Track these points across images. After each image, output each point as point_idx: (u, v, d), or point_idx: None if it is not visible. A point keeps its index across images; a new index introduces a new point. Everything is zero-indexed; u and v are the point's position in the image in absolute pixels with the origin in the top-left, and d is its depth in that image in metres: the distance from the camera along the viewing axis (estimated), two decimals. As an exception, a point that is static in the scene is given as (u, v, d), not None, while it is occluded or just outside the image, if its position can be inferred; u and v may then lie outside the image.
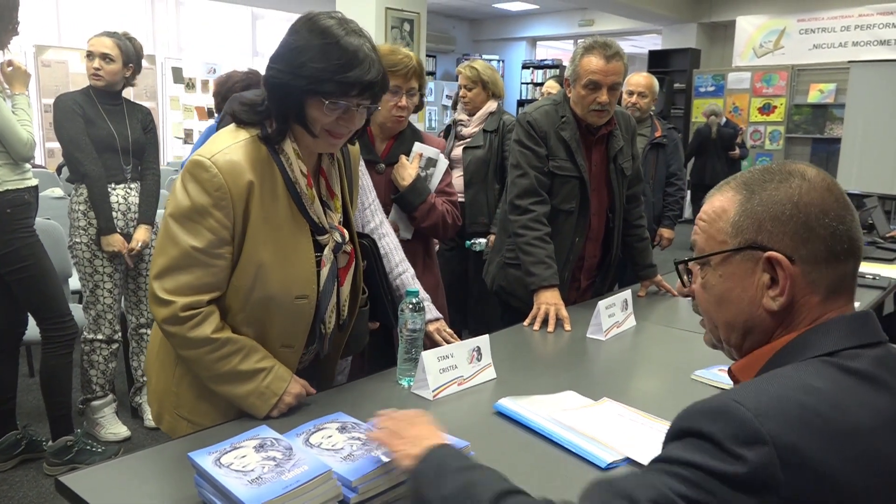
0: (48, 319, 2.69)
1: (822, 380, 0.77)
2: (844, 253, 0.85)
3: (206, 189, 1.31)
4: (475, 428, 1.44)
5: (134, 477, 1.21)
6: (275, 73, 1.34)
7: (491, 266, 2.61)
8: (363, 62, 1.32)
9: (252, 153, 1.36)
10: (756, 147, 9.43)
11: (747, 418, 0.71)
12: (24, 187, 2.62)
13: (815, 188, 0.86)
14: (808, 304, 0.86)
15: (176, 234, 1.32)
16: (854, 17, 8.66)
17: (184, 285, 1.33)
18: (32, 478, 2.73)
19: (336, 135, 1.39)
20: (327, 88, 1.31)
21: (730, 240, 0.89)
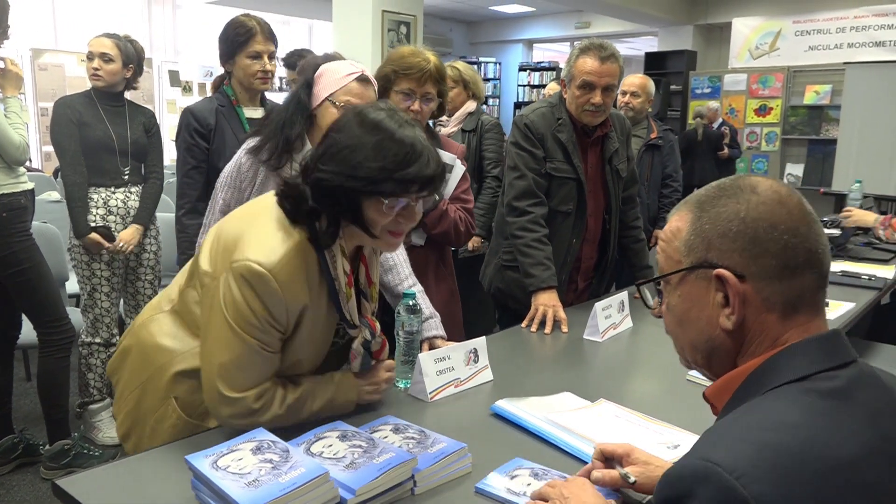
0: (46, 323, 2.69)
1: (798, 411, 0.75)
2: (801, 266, 0.82)
3: (266, 302, 1.25)
4: (472, 429, 1.44)
5: (131, 480, 1.21)
6: (326, 175, 1.25)
7: (488, 268, 2.61)
8: (421, 156, 1.25)
9: (306, 257, 1.30)
10: (752, 148, 9.45)
11: (729, 484, 0.69)
12: (20, 191, 2.61)
13: (764, 202, 0.84)
14: (765, 322, 0.84)
15: (237, 333, 1.26)
16: (849, 18, 8.68)
17: (250, 380, 1.29)
18: (29, 482, 2.72)
19: (397, 233, 1.33)
20: (387, 188, 1.24)
21: (684, 259, 0.89)
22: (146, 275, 3.12)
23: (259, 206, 1.40)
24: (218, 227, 1.41)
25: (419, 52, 2.12)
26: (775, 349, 0.84)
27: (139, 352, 1.46)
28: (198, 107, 2.44)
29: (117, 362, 1.52)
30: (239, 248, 1.28)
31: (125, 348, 1.51)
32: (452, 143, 2.33)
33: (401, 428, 1.35)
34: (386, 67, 2.13)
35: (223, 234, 1.36)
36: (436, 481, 1.21)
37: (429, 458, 1.22)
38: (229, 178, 1.92)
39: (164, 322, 1.45)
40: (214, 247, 1.36)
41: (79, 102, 2.93)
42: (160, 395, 1.42)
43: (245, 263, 1.25)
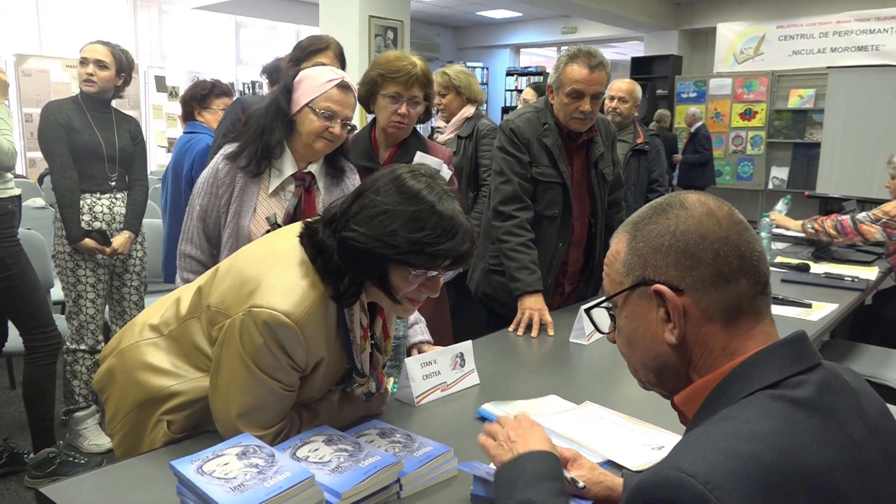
0: (32, 329, 2.67)
1: (771, 420, 0.75)
2: (734, 273, 0.84)
3: (289, 351, 1.24)
4: (458, 433, 1.45)
5: (116, 487, 1.21)
6: (358, 236, 1.22)
7: (475, 273, 2.62)
8: (458, 233, 1.23)
9: (327, 310, 1.28)
10: (738, 152, 9.53)
11: (701, 495, 0.68)
12: (7, 197, 2.60)
13: (692, 215, 0.86)
14: (708, 333, 0.85)
15: (259, 376, 1.24)
16: (832, 23, 8.79)
17: (270, 418, 1.29)
18: (14, 490, 2.70)
19: (416, 301, 1.32)
20: (418, 261, 1.22)
21: (624, 280, 0.90)
22: (132, 281, 3.11)
23: (281, 246, 1.35)
24: (232, 261, 1.37)
25: (405, 56, 2.13)
26: (730, 358, 0.84)
27: (131, 375, 1.42)
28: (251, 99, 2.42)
29: (105, 381, 1.48)
30: (260, 291, 1.25)
31: (111, 369, 1.46)
32: (438, 148, 2.34)
33: (387, 432, 1.36)
34: (372, 72, 2.14)
35: (239, 271, 1.32)
36: (422, 484, 1.22)
37: (415, 461, 1.23)
38: (206, 184, 1.87)
39: (161, 347, 1.41)
40: (227, 282, 1.32)
41: (67, 107, 2.92)
42: (154, 419, 1.40)
43: (270, 312, 1.21)
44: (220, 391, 1.28)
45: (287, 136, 1.86)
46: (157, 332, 1.43)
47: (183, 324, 1.39)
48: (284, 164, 1.86)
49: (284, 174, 1.86)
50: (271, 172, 1.86)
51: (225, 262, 1.40)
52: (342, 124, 1.84)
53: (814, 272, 3.08)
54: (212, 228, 1.87)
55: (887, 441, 0.82)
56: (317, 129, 1.80)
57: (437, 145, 2.37)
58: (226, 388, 1.27)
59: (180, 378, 1.37)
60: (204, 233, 1.87)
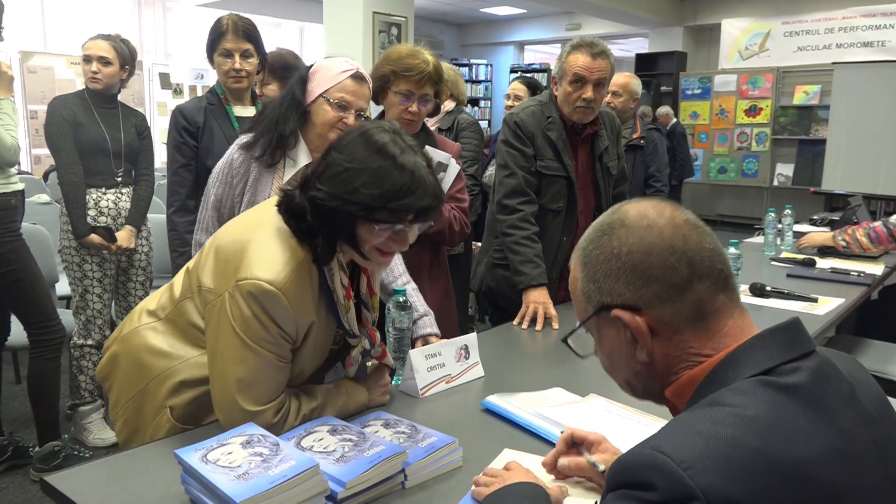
0: (36, 324, 2.68)
1: (757, 405, 0.74)
2: (686, 280, 0.82)
3: (275, 319, 1.25)
4: (463, 424, 1.45)
5: (121, 476, 1.21)
6: (323, 196, 1.25)
7: (479, 267, 2.62)
8: (419, 186, 1.25)
9: (310, 274, 1.30)
10: (743, 149, 9.50)
11: (676, 474, 0.68)
12: (11, 191, 2.60)
13: (632, 233, 0.85)
14: (680, 343, 0.84)
15: (252, 347, 1.26)
16: (838, 19, 8.76)
17: (269, 392, 1.29)
18: (19, 484, 2.71)
19: (387, 253, 1.33)
20: (382, 216, 1.25)
21: (587, 307, 0.90)
22: (137, 276, 3.12)
23: (257, 217, 1.38)
24: (215, 240, 1.38)
25: (418, 52, 2.11)
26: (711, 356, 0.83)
27: (132, 360, 1.44)
28: (187, 105, 2.44)
29: (107, 369, 1.50)
30: (244, 264, 1.27)
31: (114, 355, 1.48)
32: (448, 142, 2.32)
33: (391, 423, 1.36)
34: (384, 67, 2.12)
35: (222, 248, 1.34)
36: (426, 475, 1.21)
37: (419, 451, 1.22)
38: (221, 173, 1.90)
39: (159, 330, 1.43)
40: (214, 261, 1.34)
41: (72, 102, 2.92)
42: (157, 404, 1.40)
43: (253, 282, 1.24)
44: (217, 369, 1.30)
45: (301, 126, 1.87)
46: (154, 316, 1.46)
47: (178, 305, 1.42)
48: (299, 154, 1.87)
49: (299, 164, 1.86)
50: (286, 162, 1.87)
51: (208, 240, 1.41)
52: (356, 115, 1.85)
53: (820, 267, 3.06)
54: (226, 218, 1.88)
55: (881, 430, 0.80)
56: (331, 120, 1.80)
57: (445, 140, 2.35)
58: (222, 364, 1.29)
59: (179, 358, 1.39)
60: (219, 222, 1.89)
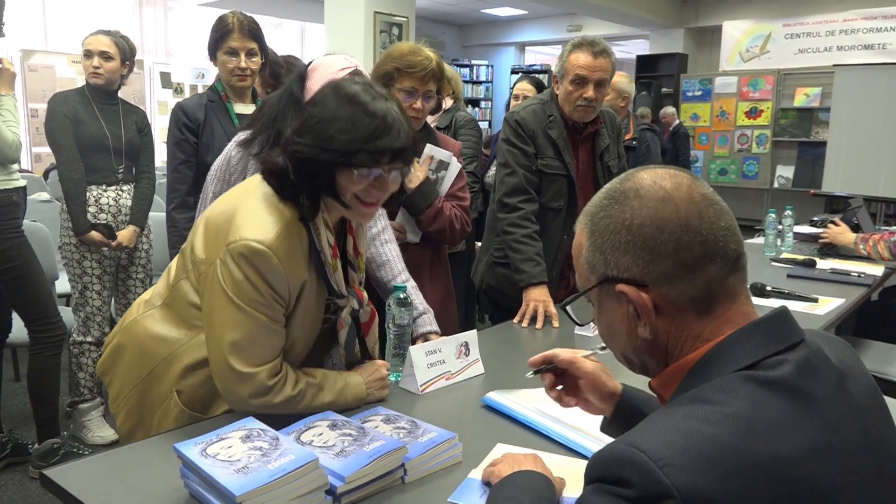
0: (37, 320, 2.68)
1: (739, 401, 0.72)
2: (698, 261, 0.79)
3: (267, 279, 1.27)
4: (463, 420, 1.44)
5: (120, 470, 1.21)
6: (301, 147, 1.29)
7: (480, 265, 2.61)
8: (392, 127, 1.28)
9: (299, 234, 1.33)
10: (743, 151, 9.50)
11: (652, 472, 0.66)
12: (12, 188, 2.61)
13: (646, 205, 0.81)
14: (682, 324, 0.82)
15: (244, 309, 1.27)
16: (839, 21, 8.76)
17: (262, 354, 1.30)
18: (18, 481, 2.70)
19: (369, 203, 1.35)
20: (358, 160, 1.27)
21: (590, 277, 0.87)
22: (137, 273, 3.11)
23: (244, 187, 1.42)
24: (206, 214, 1.41)
25: (420, 49, 2.11)
26: (704, 343, 0.81)
27: (136, 348, 1.45)
28: (187, 102, 2.44)
29: (109, 361, 1.50)
30: (233, 228, 1.29)
31: (118, 346, 1.49)
32: (449, 141, 2.32)
33: (391, 418, 1.35)
34: (387, 65, 2.12)
35: (212, 220, 1.37)
36: (426, 470, 1.21)
37: (419, 447, 1.22)
38: (219, 171, 1.91)
39: (157, 317, 1.45)
40: (205, 234, 1.37)
41: (73, 99, 2.92)
42: (165, 388, 1.41)
43: (243, 243, 1.27)
44: (212, 335, 1.31)
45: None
46: (150, 305, 1.48)
47: (173, 288, 1.43)
48: None
49: None
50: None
51: (199, 218, 1.43)
52: None
53: (820, 267, 3.06)
54: None
55: (869, 419, 0.78)
56: None
57: (447, 138, 2.35)
58: (216, 330, 1.30)
59: (180, 342, 1.40)
60: None
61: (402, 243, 2.12)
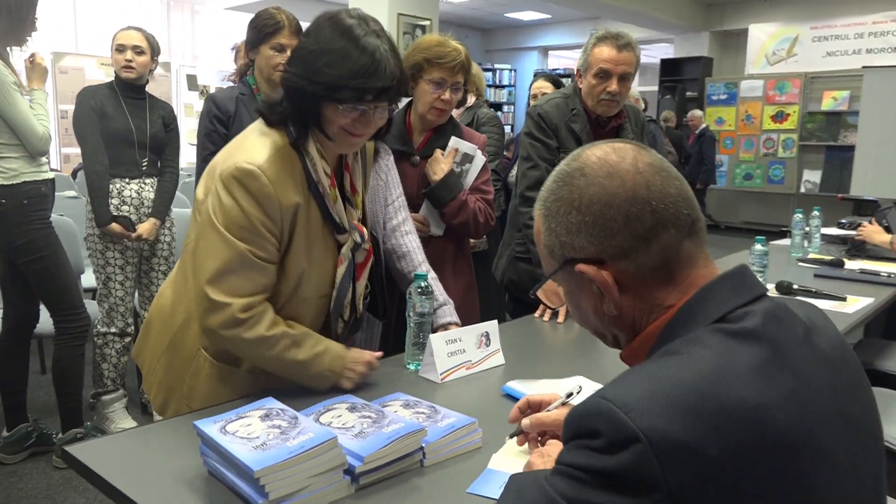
0: (62, 311, 2.71)
1: (705, 350, 0.72)
2: (650, 230, 0.79)
3: (257, 198, 1.29)
4: (483, 408, 1.43)
5: (141, 448, 1.22)
6: (290, 76, 1.33)
7: (501, 260, 2.60)
8: (379, 66, 1.30)
9: (290, 160, 1.35)
10: (769, 155, 9.38)
11: (618, 418, 0.67)
12: (41, 179, 2.65)
13: (592, 182, 0.81)
14: (646, 294, 0.82)
15: (227, 238, 1.29)
16: (868, 24, 8.63)
17: (239, 287, 1.30)
18: (42, 470, 2.73)
19: (354, 134, 1.37)
20: (342, 95, 1.30)
21: (551, 261, 0.87)
22: (160, 265, 3.14)
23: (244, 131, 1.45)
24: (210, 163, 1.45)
25: (448, 41, 2.11)
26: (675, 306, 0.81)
27: (159, 321, 1.49)
28: (219, 94, 2.47)
29: (141, 341, 1.55)
30: (225, 160, 1.33)
31: (147, 322, 1.54)
32: (474, 134, 2.31)
33: (411, 403, 1.35)
34: (416, 56, 2.11)
35: (214, 163, 1.40)
36: (445, 454, 1.20)
37: (439, 430, 1.21)
38: None
39: (172, 280, 1.49)
40: (206, 175, 1.40)
41: (101, 93, 2.98)
42: (189, 351, 1.43)
43: (234, 166, 1.30)
44: (195, 264, 1.33)
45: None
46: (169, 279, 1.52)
47: (185, 250, 1.45)
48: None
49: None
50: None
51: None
52: None
53: (848, 268, 3.00)
54: None
55: (837, 372, 0.78)
56: None
57: (471, 131, 2.34)
58: (199, 258, 1.32)
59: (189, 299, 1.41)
60: None
61: (425, 236, 2.11)
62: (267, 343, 1.33)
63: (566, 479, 0.70)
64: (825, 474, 0.70)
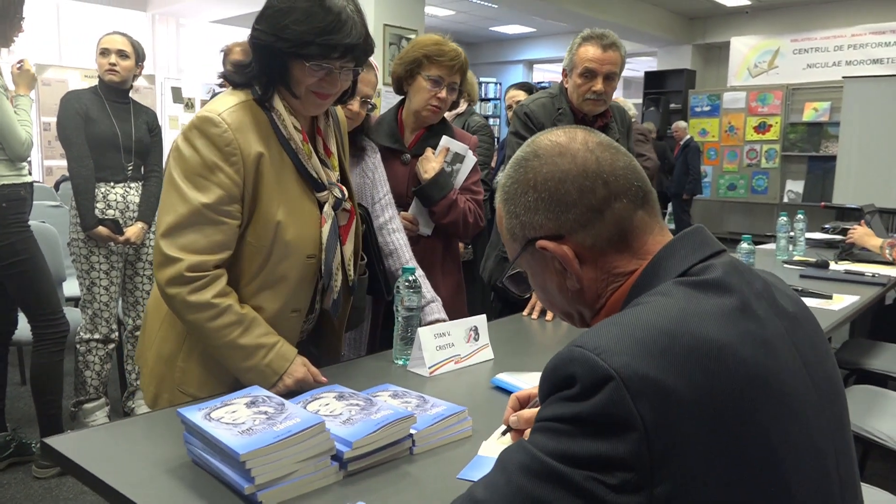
0: (40, 316, 2.66)
1: (672, 298, 0.75)
2: (603, 201, 0.82)
3: (216, 144, 1.30)
4: (473, 400, 1.41)
5: (123, 440, 1.19)
6: (258, 34, 1.34)
7: (488, 261, 2.59)
8: (345, 24, 1.31)
9: (254, 114, 1.37)
10: (752, 165, 9.47)
11: (589, 359, 0.68)
12: (20, 182, 2.61)
13: (545, 162, 0.85)
14: (605, 265, 0.84)
15: (184, 191, 1.29)
16: (847, 36, 8.77)
17: (193, 243, 1.29)
18: (21, 480, 2.67)
19: (321, 95, 1.38)
20: (309, 51, 1.31)
21: (514, 244, 0.90)
22: (145, 270, 3.11)
23: None
24: None
25: (447, 41, 2.11)
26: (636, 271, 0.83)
27: (151, 319, 1.47)
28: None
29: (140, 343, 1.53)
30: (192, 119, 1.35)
31: (143, 321, 1.52)
32: (466, 135, 2.30)
33: (399, 394, 1.33)
34: (414, 52, 2.10)
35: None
36: (435, 442, 1.18)
37: (428, 418, 1.19)
38: None
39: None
40: None
41: (86, 97, 2.96)
42: (178, 333, 1.40)
43: (197, 116, 1.33)
44: (157, 221, 1.34)
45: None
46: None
47: None
48: None
49: None
50: None
51: None
52: (361, 101, 1.85)
53: (834, 269, 3.02)
54: None
55: (795, 325, 0.81)
56: None
57: (463, 132, 2.33)
58: (159, 215, 1.33)
59: None
60: None
61: (413, 236, 2.10)
62: (210, 311, 1.29)
63: (545, 433, 0.70)
64: (789, 416, 0.72)
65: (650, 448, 0.65)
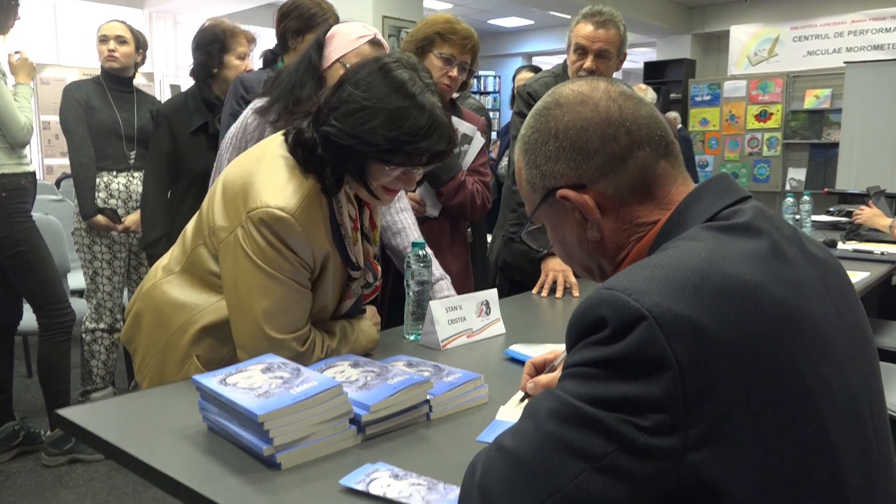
0: (45, 306, 2.65)
1: (702, 242, 0.74)
2: (626, 149, 0.82)
3: (292, 246, 1.24)
4: (488, 370, 1.39)
5: (137, 410, 1.18)
6: (337, 133, 1.23)
7: (495, 243, 2.58)
8: (436, 131, 1.23)
9: (321, 204, 1.29)
10: (754, 154, 9.45)
11: (621, 301, 0.67)
12: (21, 172, 2.60)
13: (567, 111, 0.84)
14: (628, 215, 0.83)
15: (274, 276, 1.23)
16: (847, 23, 8.73)
17: (294, 320, 1.28)
18: (30, 469, 2.67)
19: (392, 191, 1.33)
20: (395, 158, 1.23)
21: (533, 195, 0.89)
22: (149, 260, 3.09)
23: (261, 150, 1.36)
24: (222, 178, 1.36)
25: (458, 20, 2.10)
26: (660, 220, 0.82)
27: (154, 314, 1.41)
28: (248, 76, 2.40)
29: (132, 329, 1.47)
30: (252, 195, 1.25)
31: (137, 313, 1.45)
32: (473, 116, 2.29)
33: (414, 363, 1.32)
34: (426, 30, 2.09)
35: (228, 184, 1.32)
36: (452, 408, 1.17)
37: (444, 385, 1.18)
38: (234, 139, 1.87)
39: (176, 282, 1.40)
40: (223, 199, 1.31)
41: (87, 87, 2.95)
42: (181, 356, 1.37)
43: (265, 210, 1.22)
44: (240, 304, 1.26)
45: (317, 91, 1.83)
46: (168, 271, 1.42)
47: (191, 254, 1.38)
48: None
49: None
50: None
51: (216, 182, 1.38)
52: None
53: (842, 248, 3.01)
54: None
55: (826, 267, 0.80)
56: None
57: (471, 113, 2.31)
58: (244, 298, 1.25)
59: (198, 307, 1.35)
60: None
61: (420, 217, 2.09)
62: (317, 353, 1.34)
63: (576, 378, 0.69)
64: (824, 358, 0.70)
65: (685, 388, 0.63)
